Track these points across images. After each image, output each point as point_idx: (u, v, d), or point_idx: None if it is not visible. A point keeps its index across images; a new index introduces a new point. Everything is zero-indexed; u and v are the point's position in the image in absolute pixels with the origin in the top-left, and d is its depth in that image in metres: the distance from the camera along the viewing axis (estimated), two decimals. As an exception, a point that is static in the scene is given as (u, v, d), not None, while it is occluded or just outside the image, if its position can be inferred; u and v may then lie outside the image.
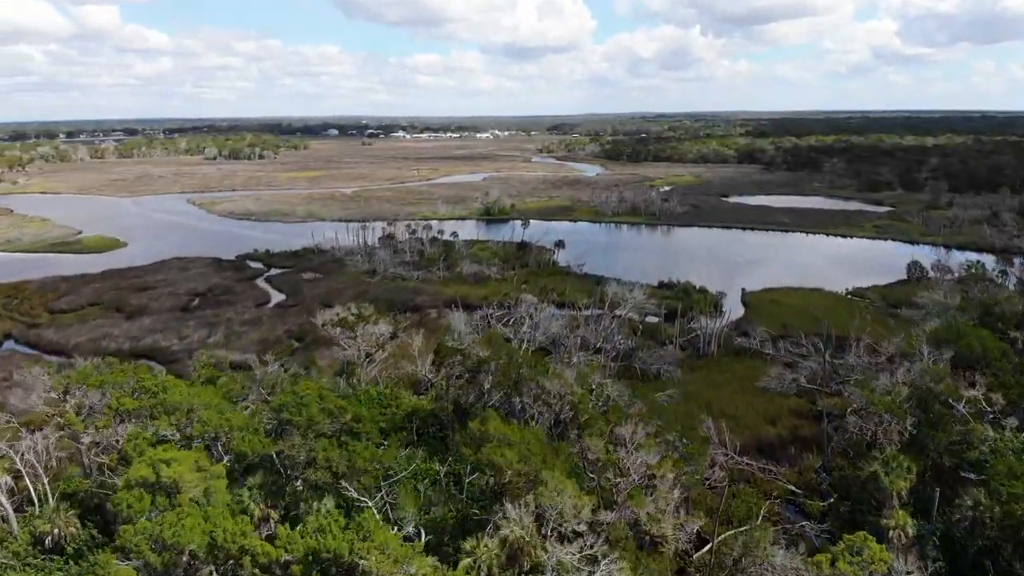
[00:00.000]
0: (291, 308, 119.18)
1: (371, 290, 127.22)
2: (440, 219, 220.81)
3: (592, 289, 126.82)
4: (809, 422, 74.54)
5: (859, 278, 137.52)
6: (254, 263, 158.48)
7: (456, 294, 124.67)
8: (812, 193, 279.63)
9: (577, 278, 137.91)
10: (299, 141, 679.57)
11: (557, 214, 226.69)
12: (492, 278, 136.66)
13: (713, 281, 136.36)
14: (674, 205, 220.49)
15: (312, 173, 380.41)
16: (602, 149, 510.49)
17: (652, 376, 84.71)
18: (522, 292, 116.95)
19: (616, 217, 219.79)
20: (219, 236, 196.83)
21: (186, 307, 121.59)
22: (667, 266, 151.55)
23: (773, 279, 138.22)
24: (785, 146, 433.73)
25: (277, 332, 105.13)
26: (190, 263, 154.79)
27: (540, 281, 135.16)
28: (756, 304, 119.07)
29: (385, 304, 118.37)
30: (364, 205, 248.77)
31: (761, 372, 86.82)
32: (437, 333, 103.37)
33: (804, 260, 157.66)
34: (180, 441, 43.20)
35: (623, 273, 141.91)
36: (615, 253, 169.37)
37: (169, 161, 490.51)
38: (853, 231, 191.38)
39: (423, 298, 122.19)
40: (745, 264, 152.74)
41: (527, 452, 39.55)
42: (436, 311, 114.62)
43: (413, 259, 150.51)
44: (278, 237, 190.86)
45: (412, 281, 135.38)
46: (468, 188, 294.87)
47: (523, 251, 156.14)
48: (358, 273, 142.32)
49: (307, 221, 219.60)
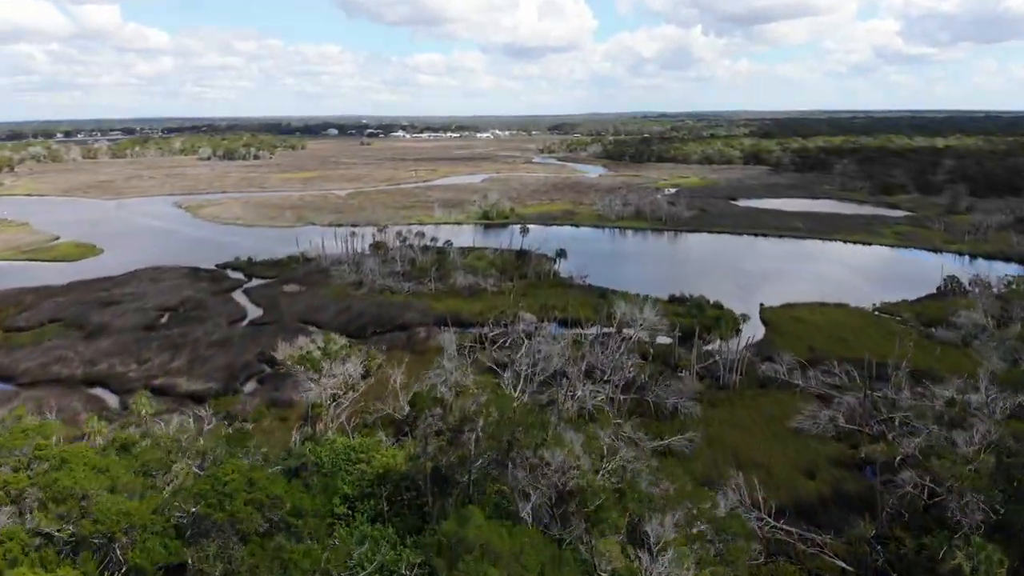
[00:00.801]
0: (267, 326, 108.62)
1: (355, 305, 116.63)
2: (436, 223, 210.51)
3: (597, 304, 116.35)
4: (852, 473, 63.94)
5: (886, 292, 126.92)
6: (234, 273, 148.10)
7: (448, 310, 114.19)
8: (823, 196, 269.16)
9: (580, 291, 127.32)
10: (297, 141, 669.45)
11: (558, 218, 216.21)
12: (488, 291, 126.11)
13: (727, 294, 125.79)
14: (681, 209, 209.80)
15: (307, 174, 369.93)
16: (604, 150, 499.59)
17: (667, 412, 74.06)
18: (520, 308, 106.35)
19: (620, 222, 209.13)
20: (201, 242, 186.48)
21: (152, 325, 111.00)
22: (676, 276, 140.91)
23: (792, 292, 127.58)
24: (792, 147, 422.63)
25: (247, 355, 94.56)
26: (164, 273, 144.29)
27: (540, 294, 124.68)
28: (777, 322, 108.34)
29: (370, 321, 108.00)
30: (357, 208, 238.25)
31: (791, 408, 76.27)
32: (425, 357, 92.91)
33: (823, 270, 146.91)
34: (66, 545, 32.82)
35: (629, 285, 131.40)
36: (620, 262, 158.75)
37: (162, 162, 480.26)
38: (872, 238, 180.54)
39: (412, 315, 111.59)
40: (760, 275, 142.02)
41: (521, 571, 29.10)
42: (426, 330, 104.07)
43: (404, 269, 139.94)
44: (263, 244, 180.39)
45: (401, 295, 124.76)
46: (466, 190, 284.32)
47: (522, 260, 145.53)
48: (344, 285, 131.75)
49: (296, 226, 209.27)
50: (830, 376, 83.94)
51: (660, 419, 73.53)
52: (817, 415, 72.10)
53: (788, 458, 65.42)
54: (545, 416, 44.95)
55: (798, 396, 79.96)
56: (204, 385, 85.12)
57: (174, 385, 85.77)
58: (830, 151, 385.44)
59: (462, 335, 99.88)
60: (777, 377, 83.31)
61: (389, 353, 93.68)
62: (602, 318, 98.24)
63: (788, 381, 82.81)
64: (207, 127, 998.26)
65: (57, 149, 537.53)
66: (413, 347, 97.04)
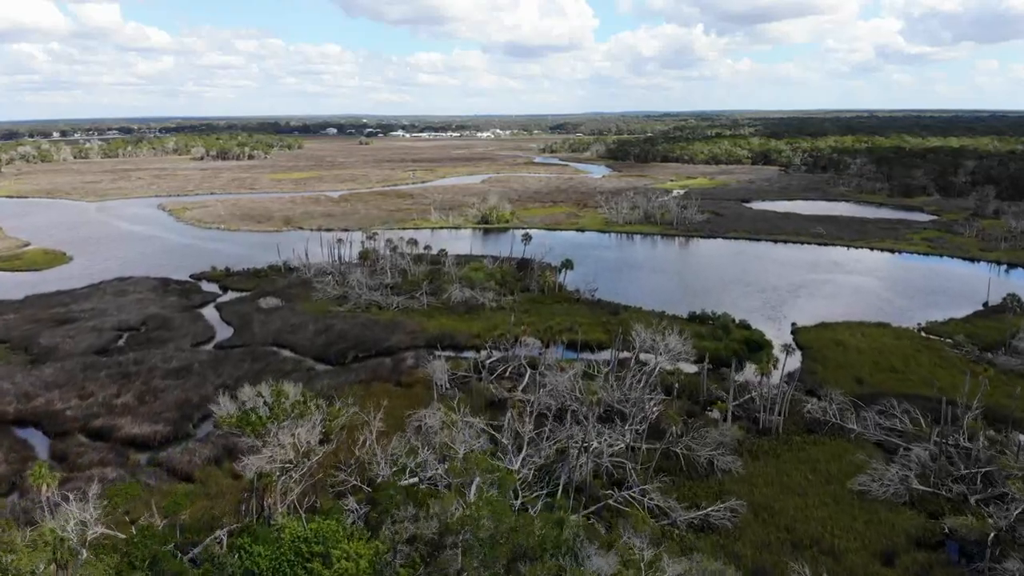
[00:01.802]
0: (234, 350, 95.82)
1: (337, 324, 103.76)
2: (432, 228, 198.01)
3: (608, 323, 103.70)
4: (938, 556, 51.05)
5: (928, 308, 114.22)
6: (209, 284, 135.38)
7: (441, 330, 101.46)
8: (839, 198, 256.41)
9: (589, 307, 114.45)
10: (294, 140, 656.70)
11: (562, 223, 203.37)
12: (486, 307, 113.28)
13: (751, 310, 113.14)
14: (692, 212, 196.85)
15: (300, 175, 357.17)
16: (607, 149, 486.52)
17: (702, 468, 61.20)
18: (522, 330, 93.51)
19: (628, 227, 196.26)
20: (180, 248, 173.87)
21: (107, 348, 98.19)
22: (693, 289, 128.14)
23: (824, 308, 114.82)
24: (803, 147, 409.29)
25: (206, 388, 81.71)
26: (131, 285, 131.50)
27: (544, 310, 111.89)
28: (814, 346, 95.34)
29: (352, 344, 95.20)
30: (349, 211, 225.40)
31: (848, 460, 63.48)
32: (413, 391, 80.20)
33: (854, 282, 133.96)
34: None
35: (642, 299, 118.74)
36: (630, 272, 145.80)
37: (153, 161, 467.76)
38: (900, 244, 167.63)
39: (399, 337, 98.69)
40: (787, 287, 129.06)
41: None
42: (414, 355, 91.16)
43: (393, 281, 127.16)
44: (246, 250, 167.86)
45: (389, 311, 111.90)
46: (465, 191, 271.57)
47: (524, 271, 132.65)
48: (326, 300, 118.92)
49: (283, 230, 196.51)
50: (888, 417, 71.36)
51: (692, 476, 60.69)
52: (884, 473, 59.28)
53: (856, 534, 52.55)
54: (559, 533, 32.28)
55: (854, 444, 67.18)
56: (151, 428, 72.31)
57: (115, 427, 72.92)
58: (843, 151, 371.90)
59: (455, 361, 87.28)
60: (827, 419, 70.50)
61: (370, 385, 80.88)
62: (617, 343, 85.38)
63: (840, 424, 70.02)
64: (204, 126, 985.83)
65: (47, 149, 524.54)
66: (399, 377, 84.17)
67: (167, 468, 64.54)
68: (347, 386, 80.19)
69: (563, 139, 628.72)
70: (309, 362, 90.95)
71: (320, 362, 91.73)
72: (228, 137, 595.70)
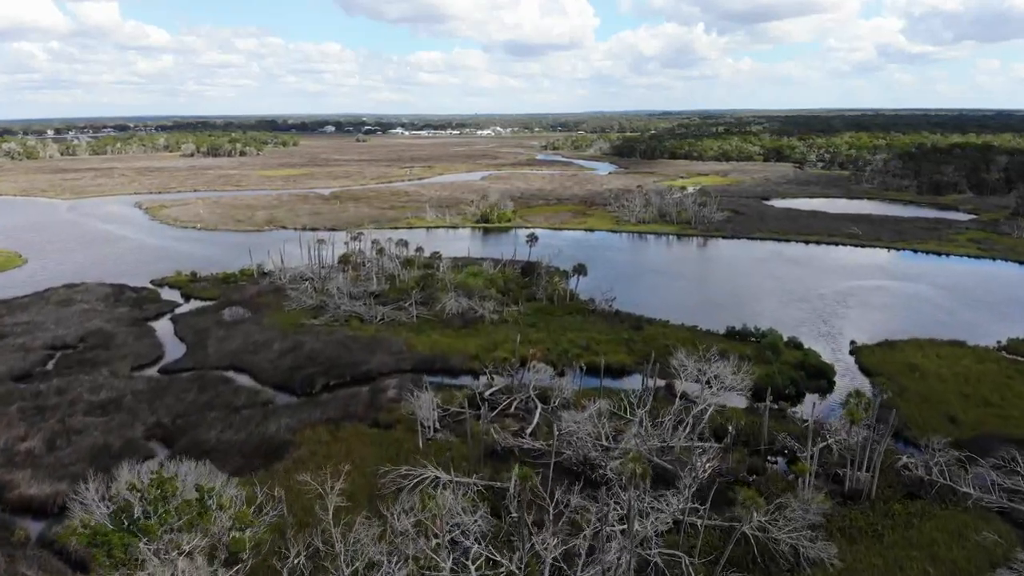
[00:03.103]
0: (182, 376, 79.27)
1: (308, 342, 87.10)
2: (427, 227, 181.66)
3: (631, 339, 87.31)
4: None
5: (1002, 322, 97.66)
6: (171, 291, 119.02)
7: (432, 350, 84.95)
8: (864, 196, 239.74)
9: (606, 320, 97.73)
10: (289, 137, 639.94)
11: (569, 222, 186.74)
12: (486, 319, 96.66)
13: (797, 323, 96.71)
14: (712, 211, 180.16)
15: (292, 171, 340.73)
16: (612, 146, 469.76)
17: (783, 559, 44.52)
18: (531, 352, 77.08)
19: (641, 226, 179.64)
20: (148, 250, 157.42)
21: (30, 372, 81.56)
22: (723, 298, 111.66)
23: (882, 322, 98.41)
24: (818, 143, 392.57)
25: (134, 430, 65.16)
26: (79, 293, 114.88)
27: (554, 323, 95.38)
28: (884, 371, 78.70)
29: (323, 368, 78.64)
30: (339, 209, 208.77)
31: (974, 541, 46.93)
32: (392, 433, 63.72)
33: (906, 289, 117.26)
34: None
35: (667, 309, 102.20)
36: (649, 278, 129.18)
37: (141, 158, 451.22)
38: (946, 246, 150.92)
39: (381, 358, 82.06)
40: (833, 296, 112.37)
41: None
42: (398, 383, 74.55)
43: (380, 289, 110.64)
44: (221, 252, 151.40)
45: (372, 325, 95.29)
46: (464, 188, 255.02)
47: (530, 276, 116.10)
48: (300, 311, 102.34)
49: (264, 230, 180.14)
50: (1007, 474, 54.76)
51: (770, 569, 44.09)
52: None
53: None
54: None
55: (973, 515, 50.62)
56: (52, 487, 55.62)
57: (8, 485, 56.26)
58: (861, 147, 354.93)
59: (448, 392, 70.71)
60: (932, 479, 53.87)
61: (339, 427, 64.29)
62: (650, 370, 68.81)
63: (951, 486, 53.37)
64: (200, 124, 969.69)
65: (34, 146, 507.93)
66: (376, 414, 67.47)
67: (58, 551, 48.02)
68: (309, 428, 63.61)
69: (565, 136, 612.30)
70: (268, 392, 74.28)
71: (282, 391, 75.15)
72: (220, 134, 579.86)
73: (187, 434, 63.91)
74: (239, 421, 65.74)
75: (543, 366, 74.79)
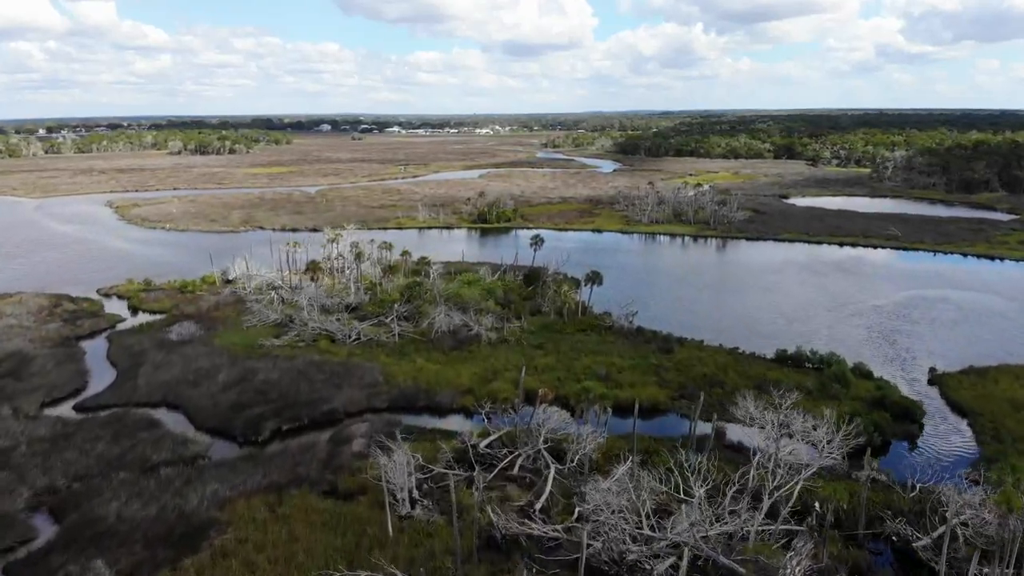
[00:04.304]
0: (99, 415, 62.82)
1: (262, 370, 70.67)
2: (419, 227, 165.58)
3: (660, 364, 71.26)
4: None
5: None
6: (119, 302, 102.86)
7: (415, 380, 68.74)
8: (889, 194, 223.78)
9: (628, 339, 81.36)
10: (282, 135, 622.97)
11: (574, 222, 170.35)
12: (482, 339, 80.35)
13: (856, 343, 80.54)
14: (733, 210, 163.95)
15: (279, 169, 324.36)
16: (615, 143, 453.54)
17: None
18: (541, 392, 60.96)
19: (655, 227, 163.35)
20: (106, 254, 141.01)
21: (-90, 409, 65.09)
22: (761, 310, 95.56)
23: (957, 342, 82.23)
24: (831, 140, 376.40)
25: (17, 499, 48.77)
26: (12, 305, 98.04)
27: (564, 344, 79.15)
28: (978, 407, 62.34)
29: (275, 407, 62.39)
30: (323, 208, 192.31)
31: None
32: (353, 508, 47.39)
33: (974, 301, 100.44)
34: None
35: (697, 325, 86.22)
36: (670, 286, 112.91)
37: (126, 156, 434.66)
38: (998, 249, 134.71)
39: (350, 393, 65.62)
40: (892, 309, 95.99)
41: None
42: (366, 429, 58.13)
43: (357, 301, 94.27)
44: (186, 255, 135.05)
45: (344, 347, 78.92)
46: (460, 186, 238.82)
47: (534, 284, 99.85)
48: (260, 328, 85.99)
49: (240, 230, 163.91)
50: None
51: None
52: None
53: None
54: None
55: None
56: None
57: None
58: (878, 144, 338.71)
59: (431, 443, 54.32)
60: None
61: (283, 496, 47.87)
62: (698, 409, 52.50)
63: None
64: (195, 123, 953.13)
65: (16, 144, 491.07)
66: (335, 475, 50.97)
67: None
68: (243, 499, 47.26)
69: (566, 134, 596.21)
70: (201, 441, 57.74)
71: (221, 437, 58.76)
72: (209, 132, 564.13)
73: (81, 507, 47.55)
74: (153, 487, 49.40)
75: (551, 405, 58.54)
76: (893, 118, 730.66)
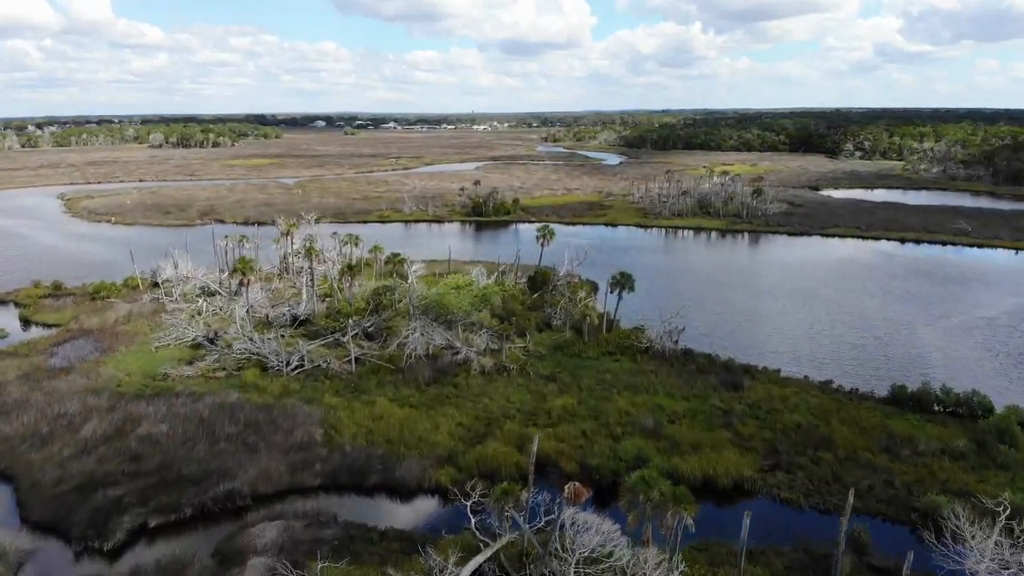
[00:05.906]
0: None
1: (147, 419, 48.32)
2: (406, 221, 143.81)
3: (728, 408, 49.11)
4: None
5: None
6: (12, 311, 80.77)
7: (369, 438, 46.41)
8: (930, 186, 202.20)
9: (674, 368, 59.14)
10: (272, 130, 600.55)
11: (583, 215, 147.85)
12: (473, 365, 58.17)
13: (988, 373, 58.43)
14: (767, 202, 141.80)
15: (260, 161, 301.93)
16: (620, 136, 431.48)
17: None
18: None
19: (678, 220, 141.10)
20: (33, 251, 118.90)
21: None
22: (841, 325, 73.51)
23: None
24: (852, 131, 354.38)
25: None
26: None
27: (587, 374, 57.00)
28: None
29: (144, 486, 39.64)
30: (299, 200, 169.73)
31: None
32: None
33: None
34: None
35: (765, 350, 63.97)
36: (715, 293, 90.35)
37: (103, 150, 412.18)
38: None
39: (268, 460, 43.29)
40: (1009, 322, 74.00)
41: None
42: (273, 538, 35.85)
43: (309, 312, 71.98)
44: (122, 254, 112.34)
45: (277, 380, 56.53)
46: (454, 178, 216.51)
47: (542, 290, 77.66)
48: (172, 350, 63.68)
49: (195, 224, 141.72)
50: None
51: None
52: None
53: None
54: None
55: None
56: None
57: None
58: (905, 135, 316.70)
59: (375, 570, 31.95)
60: None
61: None
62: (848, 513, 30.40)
63: None
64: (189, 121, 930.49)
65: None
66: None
67: None
68: None
69: (567, 129, 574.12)
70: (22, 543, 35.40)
71: (52, 536, 36.53)
72: (193, 126, 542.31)
73: None
74: None
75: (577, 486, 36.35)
76: (895, 116, 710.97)
